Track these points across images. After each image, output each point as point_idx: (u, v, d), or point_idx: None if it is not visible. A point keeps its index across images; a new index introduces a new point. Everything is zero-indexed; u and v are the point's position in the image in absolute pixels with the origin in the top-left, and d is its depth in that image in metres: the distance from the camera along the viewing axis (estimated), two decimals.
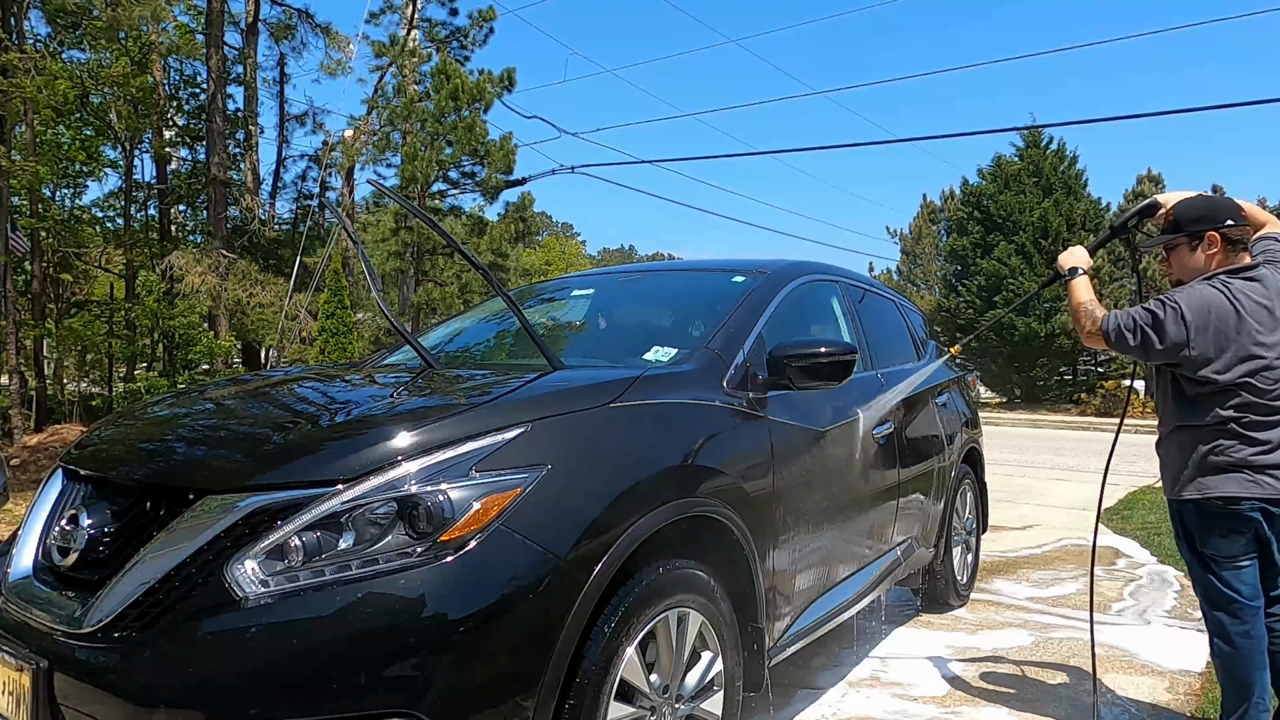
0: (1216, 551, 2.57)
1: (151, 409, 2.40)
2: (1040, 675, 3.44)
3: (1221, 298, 2.49)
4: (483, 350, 3.38)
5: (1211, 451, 2.51)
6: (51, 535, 1.97)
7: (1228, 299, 2.49)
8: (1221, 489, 2.49)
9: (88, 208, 15.10)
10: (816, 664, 3.51)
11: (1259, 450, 2.46)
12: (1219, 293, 2.50)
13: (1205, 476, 2.53)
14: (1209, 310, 2.48)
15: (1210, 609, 2.62)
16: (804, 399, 2.76)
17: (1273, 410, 2.47)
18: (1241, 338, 2.47)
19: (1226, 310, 2.48)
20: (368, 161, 15.60)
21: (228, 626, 1.58)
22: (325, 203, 16.37)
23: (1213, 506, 2.52)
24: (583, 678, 1.80)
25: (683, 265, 4.40)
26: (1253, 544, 2.54)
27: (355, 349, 10.59)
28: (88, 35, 12.20)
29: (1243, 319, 2.47)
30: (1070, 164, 23.63)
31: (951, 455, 4.19)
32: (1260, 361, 2.47)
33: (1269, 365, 2.47)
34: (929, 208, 40.00)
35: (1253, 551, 2.55)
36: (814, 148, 38.41)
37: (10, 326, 10.60)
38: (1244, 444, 2.47)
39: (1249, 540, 2.53)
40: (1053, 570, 5.26)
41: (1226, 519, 2.51)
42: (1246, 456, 2.47)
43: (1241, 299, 2.49)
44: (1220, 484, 2.50)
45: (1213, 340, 2.47)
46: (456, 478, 1.73)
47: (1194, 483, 2.55)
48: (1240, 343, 2.47)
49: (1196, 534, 2.60)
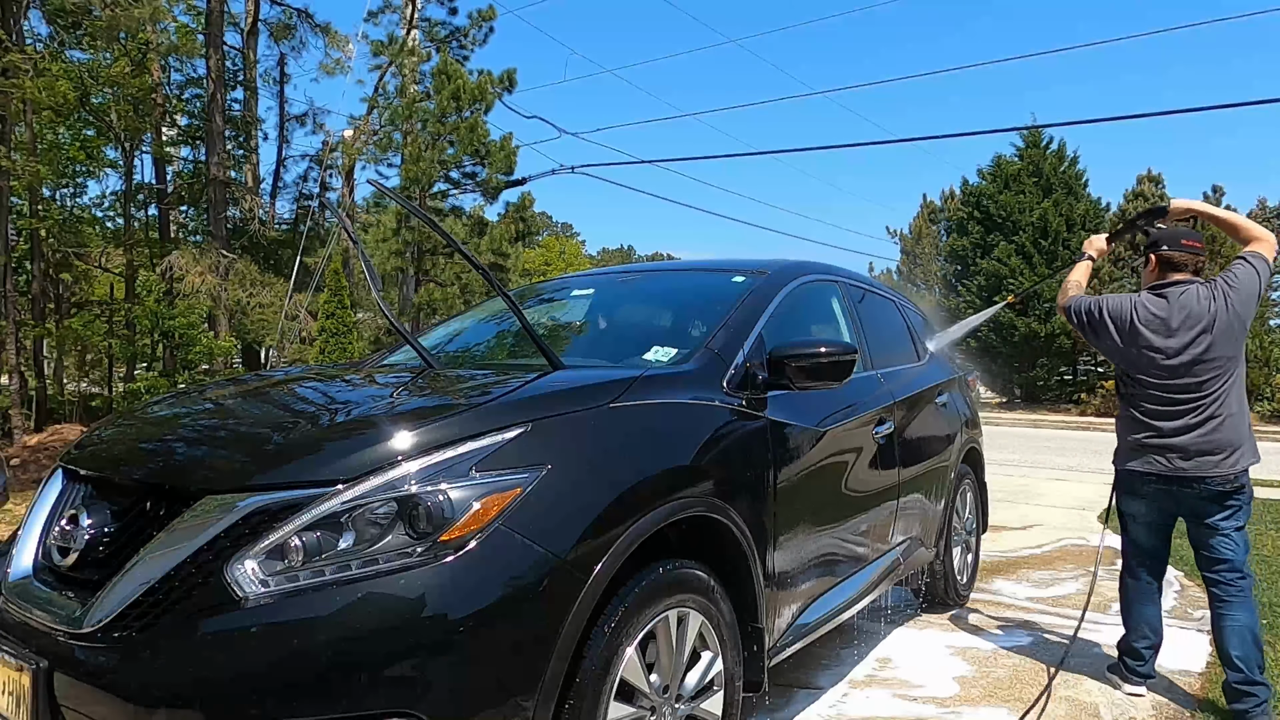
0: (1125, 509, 3.28)
1: (151, 409, 2.40)
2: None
3: (1128, 306, 3.13)
4: (483, 350, 3.38)
5: (1122, 431, 3.23)
6: (51, 535, 1.97)
7: (1130, 307, 3.12)
8: (1127, 463, 3.18)
9: (88, 208, 15.11)
10: (816, 664, 3.51)
11: (1151, 434, 3.08)
12: (1128, 302, 3.14)
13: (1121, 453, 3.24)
14: (1112, 313, 3.16)
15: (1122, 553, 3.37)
16: (804, 399, 2.76)
17: (1161, 400, 3.05)
18: (1136, 340, 3.08)
19: (1126, 316, 3.12)
20: (368, 161, 15.62)
21: (228, 626, 1.58)
22: (325, 203, 16.37)
23: (1123, 475, 3.24)
24: (583, 678, 1.80)
25: (683, 265, 4.40)
26: (1151, 509, 3.18)
27: (355, 349, 10.59)
28: (88, 35, 12.20)
29: (1135, 326, 3.08)
30: (1070, 164, 23.64)
31: (952, 455, 4.19)
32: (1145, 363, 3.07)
33: (1156, 366, 3.05)
34: (929, 208, 40.01)
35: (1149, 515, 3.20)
36: (814, 148, 38.39)
37: (10, 326, 10.60)
38: (1139, 427, 3.12)
39: (1146, 504, 3.18)
40: (1053, 570, 5.26)
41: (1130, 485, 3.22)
42: (1143, 439, 3.10)
43: (1140, 311, 3.09)
44: (1127, 459, 3.19)
45: (1115, 338, 3.15)
46: (456, 478, 1.73)
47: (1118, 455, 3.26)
48: (1132, 345, 3.09)
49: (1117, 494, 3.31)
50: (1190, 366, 3.00)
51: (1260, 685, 2.92)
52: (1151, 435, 3.07)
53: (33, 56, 9.79)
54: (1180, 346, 3.01)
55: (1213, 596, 3.09)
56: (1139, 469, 3.12)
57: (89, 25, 11.55)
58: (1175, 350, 3.01)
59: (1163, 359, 3.03)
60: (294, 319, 12.69)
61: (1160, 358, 3.03)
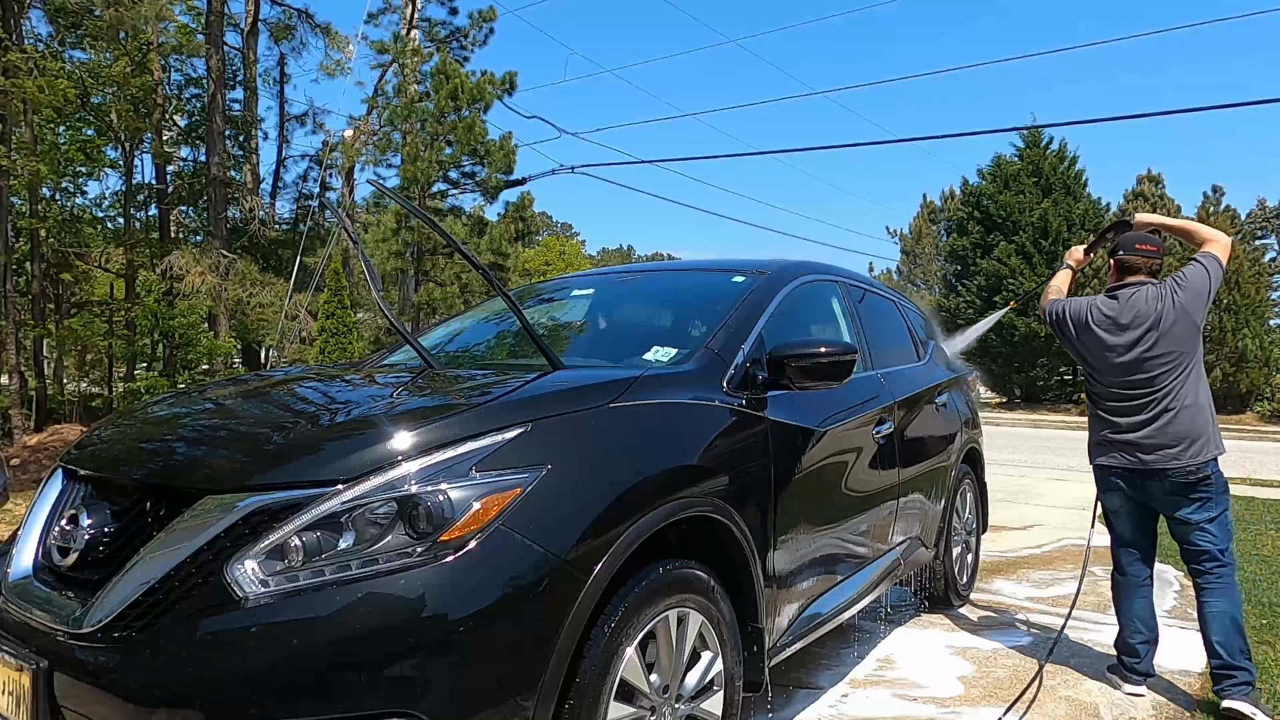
0: (1105, 504, 3.43)
1: (151, 409, 2.40)
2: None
3: (1085, 308, 3.35)
4: (483, 350, 3.38)
5: (1092, 429, 3.40)
6: (51, 535, 1.97)
7: (1087, 309, 3.34)
8: (1097, 459, 3.37)
9: (88, 208, 15.10)
10: (816, 664, 3.51)
11: (1113, 430, 3.26)
12: (1084, 303, 3.37)
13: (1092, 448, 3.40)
14: (1070, 313, 3.38)
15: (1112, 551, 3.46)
16: (804, 399, 2.76)
17: (1118, 397, 3.23)
18: (1092, 339, 3.29)
19: (1083, 318, 3.33)
20: (368, 162, 15.61)
21: (228, 626, 1.58)
22: (325, 203, 16.37)
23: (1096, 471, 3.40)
24: (583, 678, 1.80)
25: (683, 265, 4.40)
26: (1125, 502, 3.32)
27: (355, 349, 10.59)
28: (89, 35, 12.20)
29: (1089, 326, 3.30)
30: (1070, 164, 23.66)
31: (952, 455, 4.19)
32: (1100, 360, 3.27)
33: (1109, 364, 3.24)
34: (929, 208, 40.01)
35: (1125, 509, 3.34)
36: (814, 148, 38.47)
37: (10, 326, 10.60)
38: (1104, 425, 3.30)
39: (1121, 498, 3.33)
40: (1053, 570, 5.26)
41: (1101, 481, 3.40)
42: (1107, 435, 3.29)
43: (1094, 312, 3.31)
44: (1096, 454, 3.37)
45: (1070, 340, 3.41)
46: (456, 478, 1.73)
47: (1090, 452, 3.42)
48: (1088, 344, 3.31)
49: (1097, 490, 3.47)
50: (1141, 363, 3.18)
51: (1240, 669, 3.03)
52: (1113, 430, 3.26)
53: (33, 56, 9.79)
54: (1129, 343, 3.20)
55: (1196, 586, 3.21)
56: (1106, 463, 3.31)
57: (90, 25, 11.55)
58: (1124, 347, 3.21)
59: (1115, 357, 3.23)
60: (294, 319, 12.69)
61: (1113, 356, 3.23)
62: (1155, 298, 3.21)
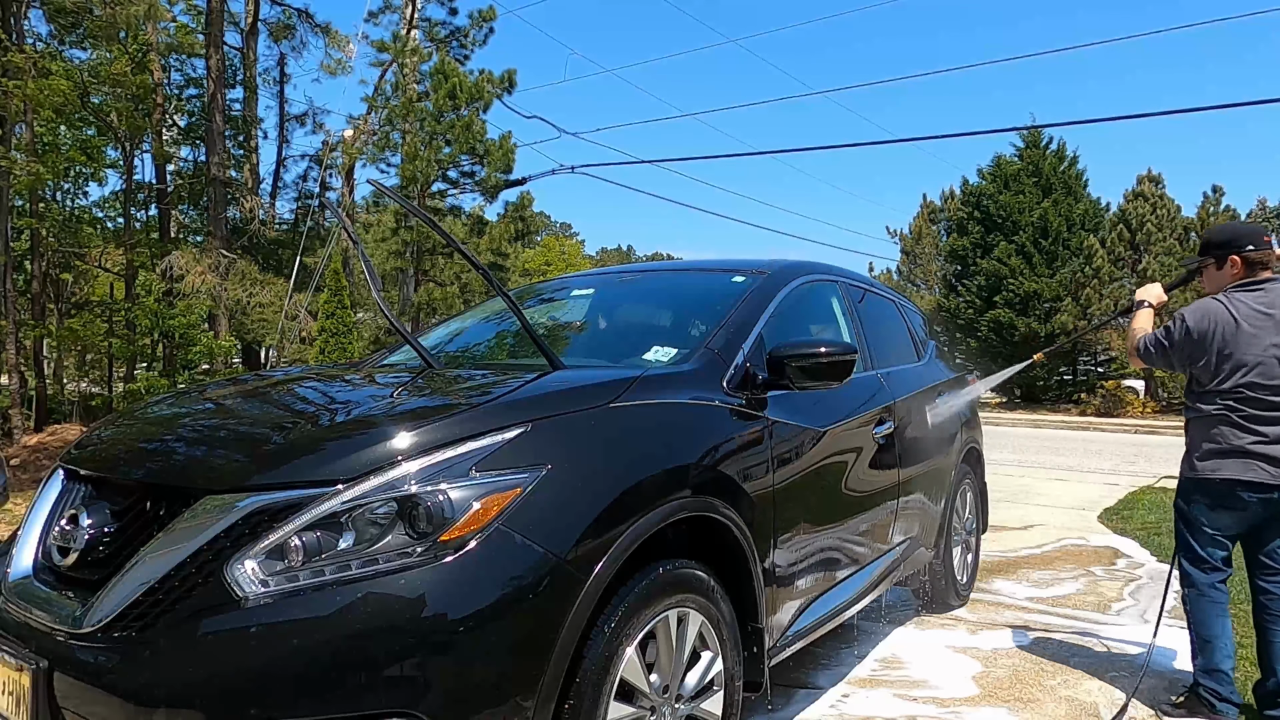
0: (1208, 522, 3.01)
1: (151, 409, 2.40)
2: (1040, 675, 3.44)
3: (1221, 308, 2.94)
4: (483, 350, 3.38)
5: (1213, 438, 2.93)
6: (51, 535, 1.97)
7: (1227, 309, 2.93)
8: (1221, 471, 2.91)
9: (88, 208, 15.11)
10: (816, 664, 3.51)
11: (1258, 440, 2.85)
12: (1220, 305, 2.95)
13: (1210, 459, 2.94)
14: (1208, 319, 2.94)
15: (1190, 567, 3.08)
16: (804, 399, 2.76)
17: (1268, 405, 2.85)
18: (1239, 341, 2.88)
19: (1225, 319, 2.92)
20: (368, 161, 15.61)
21: (227, 626, 1.58)
22: (325, 203, 16.38)
23: (1212, 485, 2.94)
24: (583, 678, 1.80)
25: (683, 265, 4.40)
26: (1239, 521, 2.95)
27: (355, 349, 10.60)
28: (89, 35, 12.20)
29: (1239, 326, 2.89)
30: (1070, 164, 23.65)
31: (952, 455, 4.19)
32: (1256, 362, 2.86)
33: (1265, 365, 2.85)
34: (929, 208, 39.96)
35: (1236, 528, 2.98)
36: (814, 148, 38.50)
37: (10, 326, 10.60)
38: (1242, 432, 2.87)
39: (1236, 516, 2.94)
40: (1053, 570, 5.25)
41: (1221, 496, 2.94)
42: (1245, 444, 2.86)
43: (1240, 308, 2.91)
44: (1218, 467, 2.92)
45: (1213, 345, 2.92)
46: (456, 478, 1.73)
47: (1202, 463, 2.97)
48: (1238, 346, 2.88)
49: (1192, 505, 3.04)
50: None
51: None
52: (1256, 440, 2.85)
53: (33, 56, 9.78)
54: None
55: (1261, 606, 2.98)
56: (1237, 477, 2.87)
57: (89, 24, 11.55)
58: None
59: (1274, 355, 2.84)
60: (294, 319, 12.69)
61: (1273, 354, 2.85)
62: None
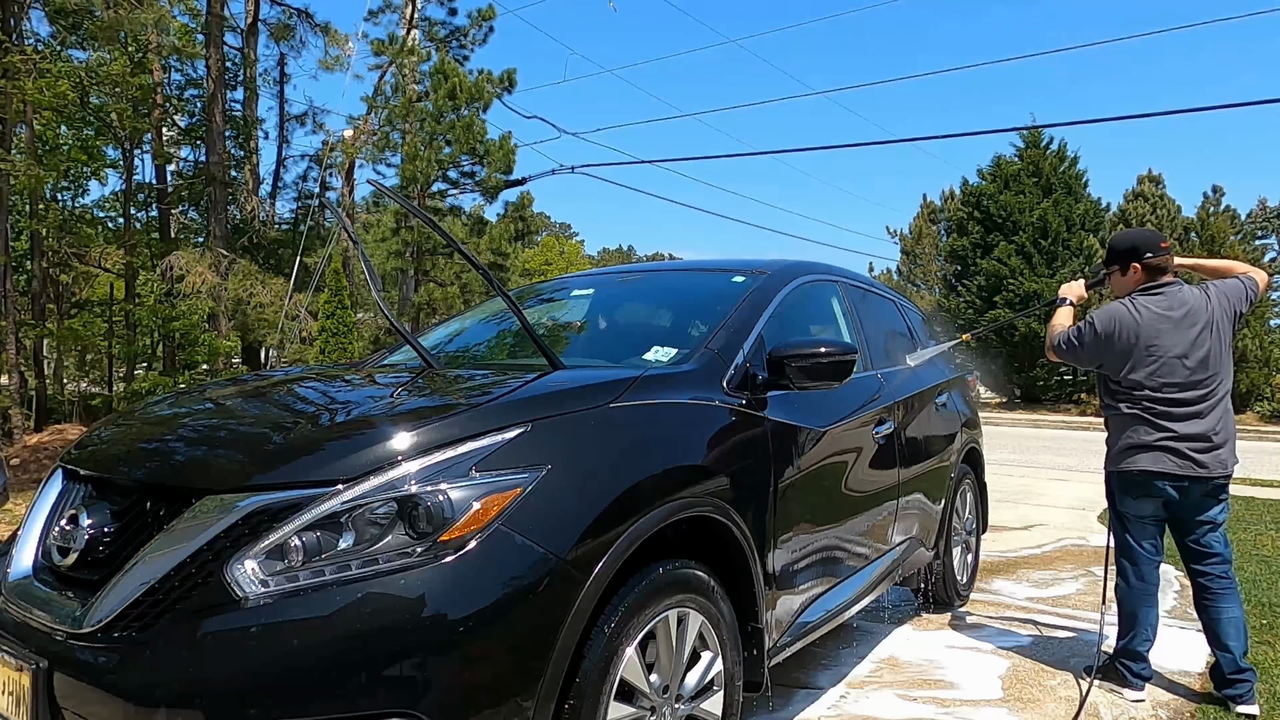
0: (1131, 511, 3.23)
1: (152, 409, 2.40)
2: (1040, 675, 3.44)
3: (1126, 312, 3.14)
4: (483, 350, 3.38)
5: (1127, 434, 3.16)
6: (51, 535, 1.97)
7: (1131, 313, 3.13)
8: (1137, 464, 3.12)
9: (88, 208, 15.10)
10: (816, 664, 3.51)
11: (1167, 435, 3.05)
12: (1125, 309, 3.15)
13: (1126, 454, 3.16)
14: (1113, 321, 3.15)
15: (1120, 557, 3.31)
16: (804, 399, 2.76)
17: (1176, 402, 3.05)
18: (1142, 343, 3.09)
19: (1129, 321, 3.12)
20: (368, 160, 15.61)
21: (227, 626, 1.58)
22: (325, 203, 16.37)
23: (1130, 477, 3.16)
24: (583, 678, 1.80)
25: (683, 265, 4.40)
26: (1160, 509, 3.16)
27: (355, 349, 10.60)
28: (89, 36, 12.19)
29: (1142, 329, 3.09)
30: (1070, 164, 23.62)
31: (951, 455, 4.19)
32: (1158, 362, 3.07)
33: (1165, 365, 3.06)
34: (929, 208, 39.97)
35: (1156, 515, 3.19)
36: (814, 148, 38.50)
37: (10, 326, 10.59)
38: (1153, 429, 3.08)
39: (1156, 505, 3.16)
40: (1053, 570, 5.25)
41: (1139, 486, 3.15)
42: (1153, 440, 3.07)
43: (1143, 312, 3.11)
44: (1133, 460, 3.13)
45: (1118, 347, 3.13)
46: (456, 478, 1.73)
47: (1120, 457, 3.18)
48: (1141, 347, 3.09)
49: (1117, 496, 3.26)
50: (1204, 362, 3.06)
51: (1248, 671, 3.10)
52: (1166, 435, 3.05)
53: (32, 57, 9.78)
54: (1190, 341, 3.06)
55: (1202, 589, 3.18)
56: (1151, 468, 3.08)
57: (90, 26, 11.54)
58: (1186, 345, 3.06)
59: (1177, 355, 3.06)
60: (294, 319, 12.69)
61: (1174, 354, 3.06)
62: (1199, 295, 3.11)
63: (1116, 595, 3.33)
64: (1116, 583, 3.33)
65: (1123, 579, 3.29)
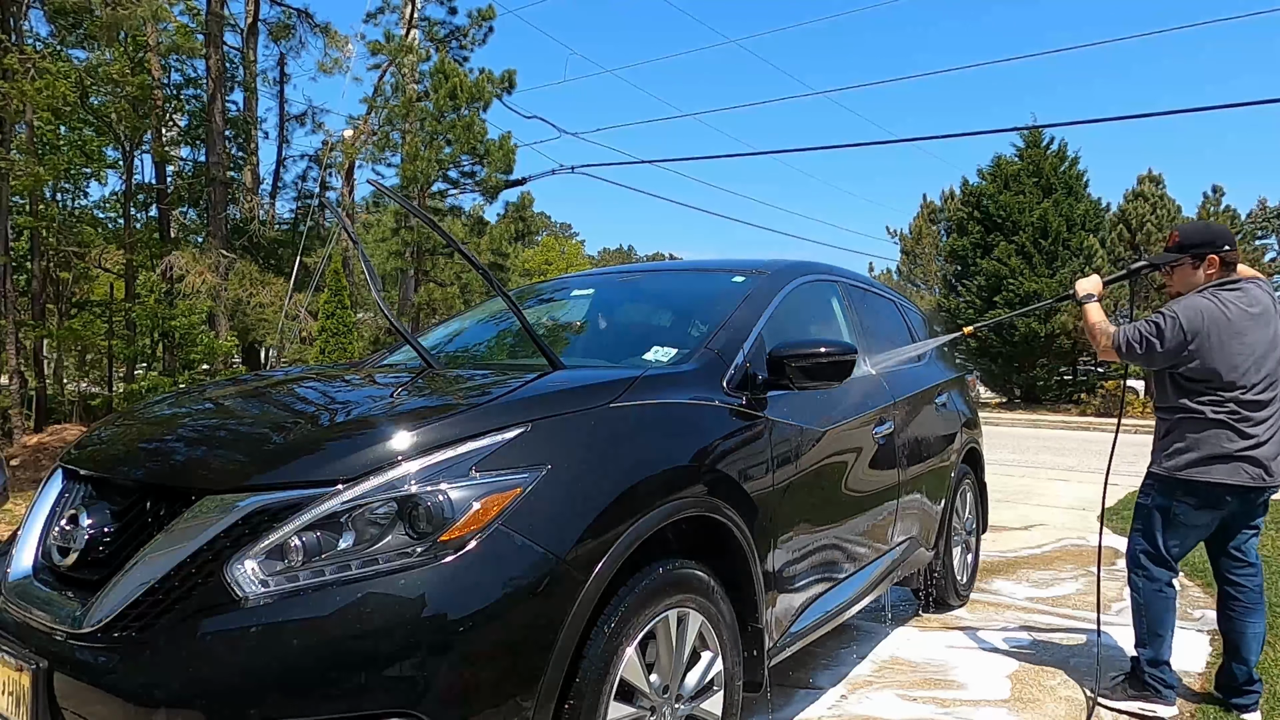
0: (1184, 519, 3.00)
1: (151, 409, 2.40)
2: (1040, 675, 3.44)
3: (1214, 307, 2.91)
4: (483, 350, 3.38)
5: (1206, 441, 2.91)
6: (51, 535, 1.97)
7: (1219, 308, 2.90)
8: (1210, 475, 2.89)
9: (88, 209, 15.09)
10: (816, 664, 3.51)
11: (1247, 444, 2.86)
12: (1212, 304, 2.92)
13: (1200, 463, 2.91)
14: (1203, 317, 2.90)
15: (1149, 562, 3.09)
16: (804, 399, 2.76)
17: (1258, 405, 2.87)
18: (1232, 341, 2.88)
19: (1219, 317, 2.89)
20: (367, 160, 15.61)
21: (227, 626, 1.58)
22: (325, 203, 16.37)
23: (1199, 487, 2.93)
24: (583, 678, 1.80)
25: (683, 265, 4.40)
26: (1214, 520, 2.99)
27: (355, 349, 10.60)
28: (88, 36, 12.19)
29: (1233, 325, 2.88)
30: (1070, 164, 23.62)
31: (951, 455, 4.19)
32: (1249, 362, 2.88)
33: (1255, 365, 2.87)
34: (929, 208, 39.96)
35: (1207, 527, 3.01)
36: (814, 148, 38.49)
37: (10, 326, 10.59)
38: (1237, 436, 2.87)
39: (1213, 516, 2.97)
40: (1053, 570, 5.26)
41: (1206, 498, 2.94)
42: (1235, 449, 2.86)
43: (1231, 308, 2.90)
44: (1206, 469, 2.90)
45: (1206, 344, 2.89)
46: (456, 478, 1.73)
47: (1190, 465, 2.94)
48: (1231, 345, 2.88)
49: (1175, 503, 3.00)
50: (1277, 365, 2.91)
51: (1259, 681, 3.07)
52: (1245, 443, 2.86)
53: (32, 57, 9.77)
54: (1268, 341, 2.90)
55: (1231, 598, 3.07)
56: (1224, 480, 2.87)
57: (89, 25, 11.54)
58: (1265, 346, 2.89)
59: (1260, 356, 2.88)
60: (294, 319, 12.69)
61: (1257, 354, 2.88)
62: (1264, 293, 2.95)
63: (1139, 600, 3.11)
64: (1140, 587, 3.11)
65: (1151, 584, 3.08)
